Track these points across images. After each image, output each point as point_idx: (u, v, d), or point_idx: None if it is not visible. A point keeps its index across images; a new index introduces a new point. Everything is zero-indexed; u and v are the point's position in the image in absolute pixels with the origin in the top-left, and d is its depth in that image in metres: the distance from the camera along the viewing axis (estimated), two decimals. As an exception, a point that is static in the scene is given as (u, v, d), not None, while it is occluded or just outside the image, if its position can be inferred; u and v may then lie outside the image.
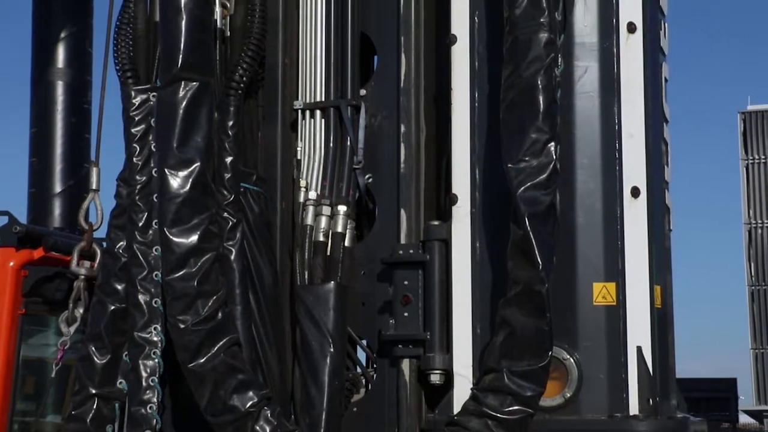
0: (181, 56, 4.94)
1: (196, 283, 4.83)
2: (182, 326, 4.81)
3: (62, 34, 9.31)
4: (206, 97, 5.00)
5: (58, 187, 9.16)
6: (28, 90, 9.50)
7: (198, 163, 4.92)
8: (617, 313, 4.99)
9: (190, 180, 4.90)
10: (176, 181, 4.90)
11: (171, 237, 4.86)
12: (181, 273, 4.84)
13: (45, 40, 9.39)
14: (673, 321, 5.44)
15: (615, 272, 5.01)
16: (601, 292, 5.02)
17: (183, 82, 4.94)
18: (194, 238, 4.87)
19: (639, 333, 4.98)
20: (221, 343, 4.82)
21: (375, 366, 5.43)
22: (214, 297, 4.85)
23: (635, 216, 5.04)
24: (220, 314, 4.85)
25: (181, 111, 4.93)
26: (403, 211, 5.32)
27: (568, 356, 4.97)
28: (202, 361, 4.80)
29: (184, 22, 4.95)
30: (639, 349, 4.96)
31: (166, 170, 4.91)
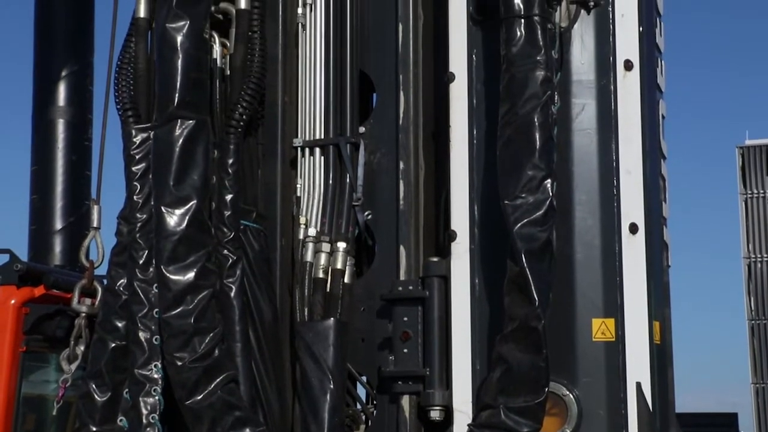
0: (177, 95, 4.98)
1: (192, 321, 4.85)
2: (179, 363, 4.82)
3: (63, 73, 9.36)
4: (203, 135, 5.03)
5: (58, 225, 9.18)
6: (29, 127, 9.54)
7: (194, 201, 4.95)
8: (616, 349, 4.99)
9: (187, 218, 4.92)
10: (172, 218, 4.92)
11: (167, 274, 4.88)
12: (178, 310, 4.86)
13: (46, 78, 9.44)
14: (673, 356, 5.44)
15: (614, 308, 5.01)
16: (600, 328, 5.02)
17: (179, 121, 4.98)
18: (191, 275, 4.89)
19: (638, 369, 4.98)
20: (218, 380, 4.83)
21: (375, 402, 5.43)
22: (211, 334, 4.86)
23: (633, 252, 5.05)
24: (217, 351, 4.86)
25: (177, 149, 4.97)
26: (402, 248, 5.34)
27: (568, 392, 4.96)
28: (199, 398, 4.81)
29: (180, 61, 4.99)
30: (638, 385, 4.96)
31: (162, 208, 4.94)
